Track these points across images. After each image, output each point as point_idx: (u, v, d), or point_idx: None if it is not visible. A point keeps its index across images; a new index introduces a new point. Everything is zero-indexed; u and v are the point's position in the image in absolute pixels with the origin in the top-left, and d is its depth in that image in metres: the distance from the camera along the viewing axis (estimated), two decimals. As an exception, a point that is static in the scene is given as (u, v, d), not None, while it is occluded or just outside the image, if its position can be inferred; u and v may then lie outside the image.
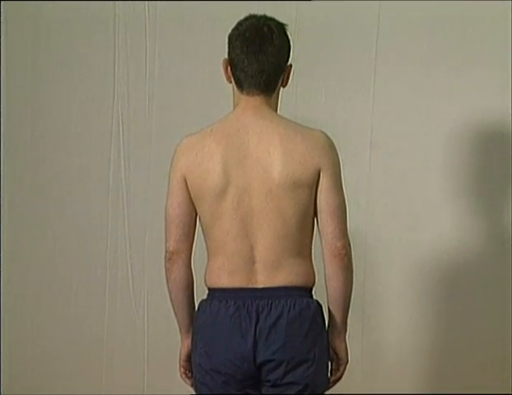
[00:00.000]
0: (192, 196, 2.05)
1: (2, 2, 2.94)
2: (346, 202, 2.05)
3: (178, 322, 2.21)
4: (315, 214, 2.04)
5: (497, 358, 2.93)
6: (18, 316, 2.97)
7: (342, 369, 2.15)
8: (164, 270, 2.13)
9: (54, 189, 3.07)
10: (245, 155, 2.00)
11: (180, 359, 2.23)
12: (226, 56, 2.06)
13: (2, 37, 2.98)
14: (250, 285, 2.01)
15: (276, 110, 2.11)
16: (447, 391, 3.00)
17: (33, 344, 2.98)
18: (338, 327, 2.11)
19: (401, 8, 2.86)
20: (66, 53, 3.06)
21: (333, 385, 2.16)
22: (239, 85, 2.05)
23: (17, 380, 3.00)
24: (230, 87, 2.10)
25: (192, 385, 2.17)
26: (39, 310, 2.99)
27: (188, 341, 2.18)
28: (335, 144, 2.06)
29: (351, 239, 2.05)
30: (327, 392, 2.10)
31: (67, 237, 3.05)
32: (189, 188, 2.04)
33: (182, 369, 2.23)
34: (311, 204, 2.02)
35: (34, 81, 3.07)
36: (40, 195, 3.06)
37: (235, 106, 2.10)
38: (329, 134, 2.06)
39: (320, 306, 2.07)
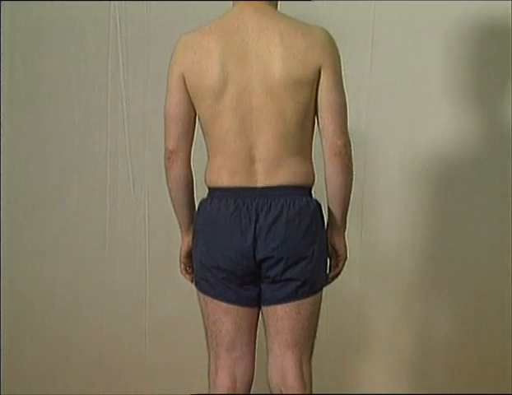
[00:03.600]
0: (190, 95, 2.03)
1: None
2: (347, 100, 2.04)
3: (178, 220, 2.23)
4: (316, 113, 2.03)
5: (496, 252, 2.97)
6: (18, 213, 2.98)
7: (340, 265, 2.19)
8: (164, 169, 2.14)
9: (53, 89, 3.03)
10: (245, 52, 1.97)
11: (181, 255, 2.27)
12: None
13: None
14: (250, 185, 2.02)
15: (276, 7, 2.07)
16: (444, 288, 3.06)
17: (33, 244, 2.99)
18: (338, 224, 2.13)
19: None
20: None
21: (332, 281, 2.20)
22: (238, -19, 2.02)
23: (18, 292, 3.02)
24: (228, -15, 2.06)
25: (192, 281, 2.22)
26: (40, 207, 2.99)
27: (188, 239, 2.21)
28: (336, 42, 2.03)
29: (351, 138, 2.05)
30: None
31: (66, 137, 3.02)
32: (188, 86, 2.03)
33: (182, 266, 2.28)
34: (311, 103, 2.00)
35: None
36: (39, 96, 3.02)
37: (234, 4, 2.06)
38: (330, 32, 2.02)
39: (319, 205, 2.09)
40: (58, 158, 3.01)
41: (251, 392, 2.18)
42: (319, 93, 1.99)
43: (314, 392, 2.15)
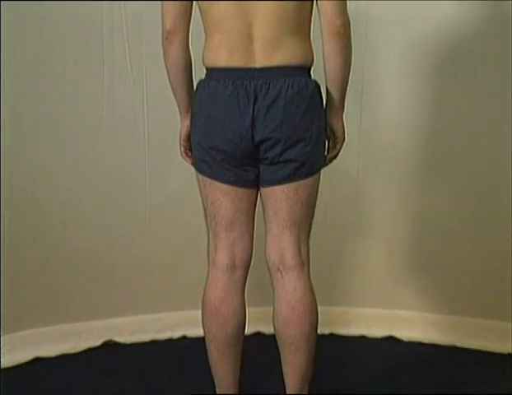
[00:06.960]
0: (188, -28, 2.00)
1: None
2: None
3: (177, 102, 2.22)
4: (315, -9, 2.00)
5: (495, 134, 2.98)
6: (16, 96, 2.93)
7: (338, 147, 2.20)
8: (161, 50, 2.11)
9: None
10: None
11: (180, 138, 2.27)
12: None
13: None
14: (249, 65, 2.00)
15: None
16: (442, 170, 3.08)
17: (31, 126, 2.96)
18: (336, 106, 2.12)
19: None
20: None
21: (330, 162, 2.22)
22: None
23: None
24: None
25: (192, 163, 2.23)
26: (37, 89, 2.93)
27: (187, 122, 2.21)
28: None
29: (350, 18, 2.01)
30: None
31: (59, 17, 2.93)
32: (185, -37, 1.99)
33: (182, 149, 2.29)
34: (310, -19, 1.97)
35: None
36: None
37: None
38: None
39: (318, 86, 2.08)
40: (54, 39, 2.94)
41: (250, 271, 2.24)
42: (318, -30, 1.96)
43: (311, 273, 2.20)
